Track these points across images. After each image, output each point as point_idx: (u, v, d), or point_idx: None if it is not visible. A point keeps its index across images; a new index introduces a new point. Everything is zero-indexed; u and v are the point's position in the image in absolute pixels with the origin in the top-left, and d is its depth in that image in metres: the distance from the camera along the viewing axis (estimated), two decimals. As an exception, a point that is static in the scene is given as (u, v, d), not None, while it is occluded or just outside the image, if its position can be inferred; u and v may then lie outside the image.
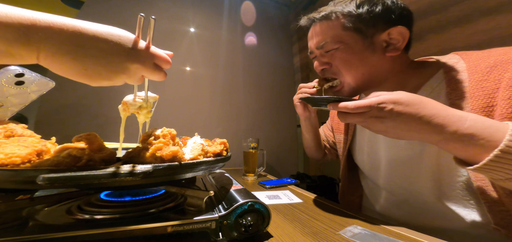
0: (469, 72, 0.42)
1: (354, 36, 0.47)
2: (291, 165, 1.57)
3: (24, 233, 0.25)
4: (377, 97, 0.36)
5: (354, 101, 0.38)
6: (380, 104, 0.35)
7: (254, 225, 0.34)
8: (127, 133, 0.45)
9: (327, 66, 0.52)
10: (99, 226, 0.28)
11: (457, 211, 0.43)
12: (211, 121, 1.35)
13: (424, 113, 0.34)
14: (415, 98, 0.35)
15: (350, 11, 0.47)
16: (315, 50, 0.53)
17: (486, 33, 0.70)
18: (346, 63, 0.49)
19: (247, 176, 0.91)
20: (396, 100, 0.35)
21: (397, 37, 0.46)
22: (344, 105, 0.38)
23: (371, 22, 0.46)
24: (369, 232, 0.39)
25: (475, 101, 0.39)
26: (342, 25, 0.48)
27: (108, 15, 1.12)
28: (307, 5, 1.56)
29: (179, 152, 0.32)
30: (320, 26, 0.51)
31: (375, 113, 0.36)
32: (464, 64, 0.44)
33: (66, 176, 0.24)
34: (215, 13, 1.43)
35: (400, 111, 0.34)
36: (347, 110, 0.38)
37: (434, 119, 0.33)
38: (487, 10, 0.70)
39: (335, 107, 0.40)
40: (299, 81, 1.67)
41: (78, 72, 0.30)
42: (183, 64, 1.31)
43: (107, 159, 0.30)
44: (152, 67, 0.35)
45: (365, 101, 0.37)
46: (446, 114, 0.34)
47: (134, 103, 0.41)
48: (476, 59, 0.43)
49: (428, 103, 0.35)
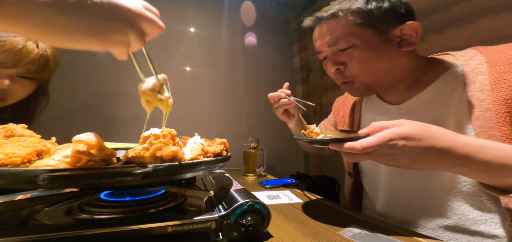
0: (489, 65, 0.41)
1: (369, 32, 0.46)
2: (291, 165, 1.57)
3: (24, 233, 0.25)
4: (384, 134, 0.34)
5: (361, 141, 0.35)
6: (390, 141, 0.34)
7: (254, 225, 0.34)
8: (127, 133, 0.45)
9: (341, 67, 0.50)
10: (99, 226, 0.28)
11: (462, 207, 0.43)
12: (211, 121, 1.35)
13: (440, 146, 0.33)
14: (424, 129, 0.34)
15: (359, 8, 0.45)
16: (325, 49, 0.51)
17: (486, 33, 0.70)
18: (364, 61, 0.47)
19: (247, 176, 0.91)
20: (406, 135, 0.33)
21: (410, 32, 0.45)
22: (350, 146, 0.36)
23: (382, 17, 0.45)
24: (369, 232, 0.39)
25: (497, 93, 0.38)
26: (353, 22, 0.46)
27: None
28: (307, 5, 1.55)
29: (179, 152, 0.32)
30: (327, 25, 0.49)
31: (387, 151, 0.34)
32: (482, 57, 0.42)
33: (66, 176, 0.24)
34: (215, 13, 1.43)
35: (414, 146, 0.33)
36: (354, 151, 0.36)
37: (453, 151, 0.33)
38: (487, 10, 0.70)
39: (338, 148, 0.37)
40: (299, 81, 1.67)
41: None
42: (183, 64, 1.31)
43: (107, 159, 0.30)
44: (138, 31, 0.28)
45: (373, 141, 0.34)
46: (463, 144, 0.33)
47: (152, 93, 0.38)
48: (495, 52, 0.42)
49: (439, 133, 0.34)
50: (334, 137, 0.38)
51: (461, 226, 0.43)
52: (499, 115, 0.38)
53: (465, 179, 0.42)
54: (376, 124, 0.37)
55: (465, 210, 0.43)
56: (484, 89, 0.40)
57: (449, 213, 0.44)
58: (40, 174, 0.23)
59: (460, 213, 0.43)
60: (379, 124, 0.36)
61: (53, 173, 0.24)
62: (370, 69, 0.48)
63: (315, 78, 1.50)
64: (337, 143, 0.38)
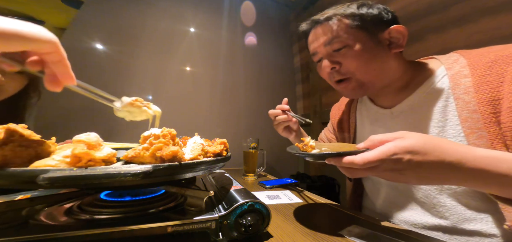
0: (471, 67, 0.42)
1: (361, 34, 0.49)
2: (291, 165, 1.57)
3: (24, 233, 0.25)
4: (387, 148, 0.32)
5: (361, 156, 0.32)
6: (393, 155, 0.31)
7: (254, 225, 0.34)
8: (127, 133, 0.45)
9: (337, 66, 0.52)
10: (99, 226, 0.28)
11: (457, 207, 0.43)
12: (211, 121, 1.35)
13: (449, 160, 0.31)
14: (427, 141, 0.32)
15: (352, 12, 0.49)
16: (321, 49, 0.53)
17: (486, 33, 0.70)
18: (360, 59, 0.49)
19: (247, 176, 0.91)
20: (410, 149, 0.31)
21: (397, 35, 0.48)
22: (349, 161, 0.33)
23: (372, 21, 0.49)
24: (369, 232, 0.39)
25: (481, 95, 0.40)
26: (347, 25, 0.49)
27: (108, 15, 1.12)
28: (307, 5, 1.55)
29: (179, 152, 0.32)
30: (323, 27, 0.52)
31: (391, 166, 0.32)
32: (464, 60, 0.44)
33: (66, 176, 0.24)
34: (215, 13, 1.43)
35: (421, 161, 0.31)
36: (354, 166, 0.33)
37: (464, 164, 0.31)
38: (487, 10, 0.70)
39: (337, 163, 0.35)
40: (299, 81, 1.67)
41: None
42: (183, 64, 1.31)
43: (107, 159, 0.30)
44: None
45: (375, 155, 0.32)
46: (473, 156, 0.31)
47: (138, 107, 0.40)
48: (476, 55, 0.43)
49: (445, 146, 0.32)
50: (331, 152, 0.35)
51: (458, 226, 0.43)
52: (485, 116, 0.39)
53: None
54: (376, 137, 0.35)
55: (460, 210, 0.43)
56: (468, 91, 0.42)
57: (446, 214, 0.45)
58: (40, 174, 0.23)
59: (456, 213, 0.44)
60: (379, 138, 0.34)
61: (53, 173, 0.24)
62: (366, 67, 0.50)
63: (315, 78, 1.50)
64: (335, 157, 0.35)
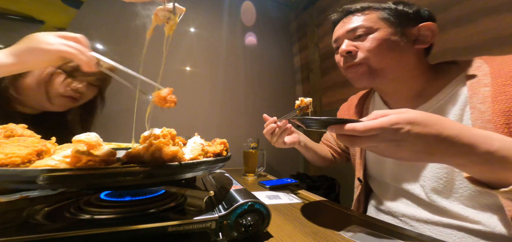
0: (492, 76, 0.41)
1: (388, 26, 0.49)
2: (291, 165, 1.57)
3: (24, 233, 0.25)
4: (389, 118, 0.32)
5: (363, 123, 0.32)
6: (394, 125, 0.31)
7: (254, 225, 0.34)
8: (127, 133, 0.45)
9: (353, 49, 0.51)
10: (99, 226, 0.28)
11: (461, 208, 0.43)
12: (211, 121, 1.35)
13: (447, 133, 0.31)
14: (431, 116, 0.32)
15: (389, 6, 0.50)
16: (344, 35, 0.53)
17: (486, 33, 0.70)
18: (378, 44, 0.49)
19: (247, 176, 0.91)
20: (412, 120, 0.31)
21: (426, 32, 0.48)
22: (351, 127, 0.33)
23: (405, 17, 0.49)
24: (369, 232, 0.39)
25: (497, 105, 0.39)
26: (378, 16, 0.50)
27: (108, 15, 1.12)
28: (307, 5, 1.55)
29: (179, 152, 0.32)
30: (352, 16, 0.53)
31: (390, 136, 0.32)
32: (487, 68, 0.43)
33: (66, 176, 0.24)
34: (215, 13, 1.43)
35: (420, 132, 0.30)
36: (355, 133, 0.33)
37: (460, 139, 0.31)
38: (487, 10, 0.70)
39: (339, 130, 0.34)
40: (299, 81, 1.67)
41: None
42: (183, 64, 1.31)
43: (107, 159, 0.30)
44: None
45: (377, 123, 0.31)
46: (470, 133, 0.31)
47: (163, 12, 0.40)
48: (500, 63, 0.42)
49: (446, 122, 0.32)
50: (333, 118, 0.34)
51: (461, 225, 0.43)
52: (497, 127, 0.38)
53: (466, 184, 0.42)
54: (379, 111, 0.35)
55: (464, 211, 0.43)
56: (485, 101, 0.41)
57: (448, 212, 0.45)
58: (40, 174, 0.23)
59: (462, 213, 0.43)
60: (382, 111, 0.34)
61: (53, 173, 0.24)
62: (381, 53, 0.49)
63: (315, 78, 1.50)
64: (337, 125, 0.34)
